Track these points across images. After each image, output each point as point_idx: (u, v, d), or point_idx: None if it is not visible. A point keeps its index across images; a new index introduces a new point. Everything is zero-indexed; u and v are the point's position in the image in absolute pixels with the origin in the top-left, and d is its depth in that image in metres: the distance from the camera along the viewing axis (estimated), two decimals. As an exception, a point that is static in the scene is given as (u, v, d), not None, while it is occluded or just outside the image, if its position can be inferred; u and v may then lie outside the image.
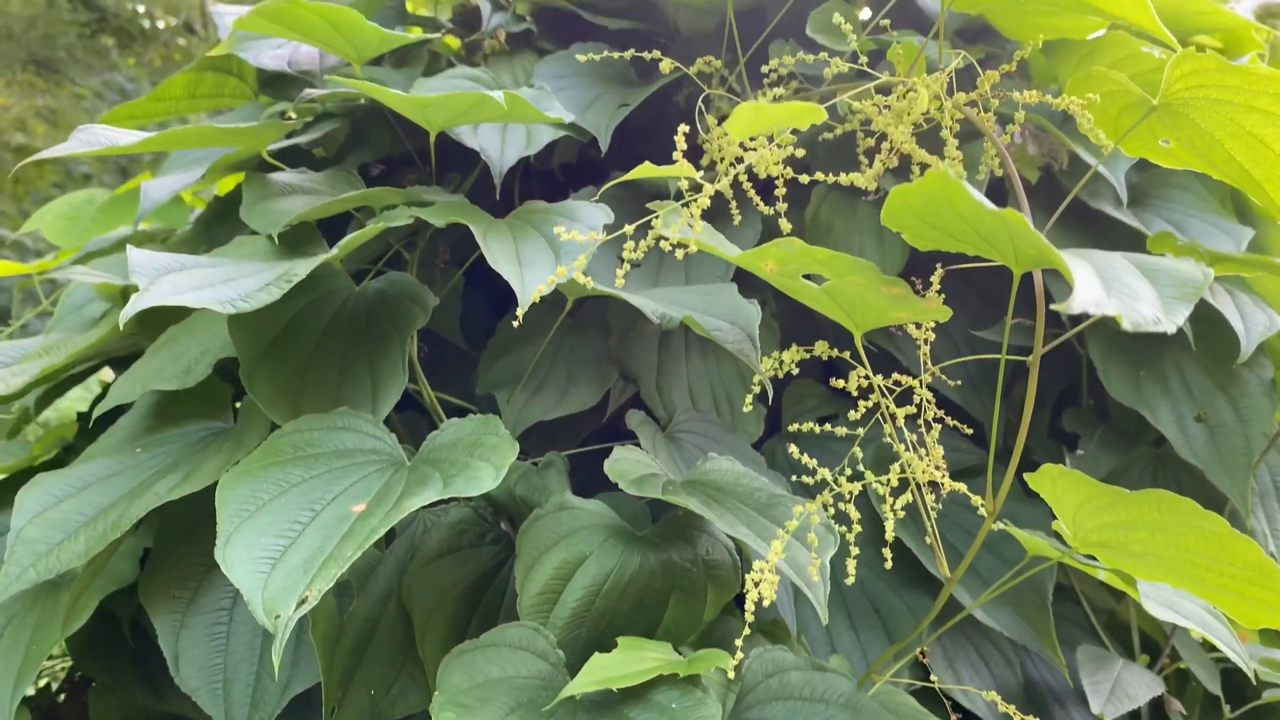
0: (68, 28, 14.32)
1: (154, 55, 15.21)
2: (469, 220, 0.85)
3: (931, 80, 0.77)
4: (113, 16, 14.66)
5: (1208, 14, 1.33)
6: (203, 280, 0.79)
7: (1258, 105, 0.77)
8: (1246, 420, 1.05)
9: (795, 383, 1.23)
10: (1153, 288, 0.60)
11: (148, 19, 15.31)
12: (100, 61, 14.61)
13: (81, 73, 14.65)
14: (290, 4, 0.93)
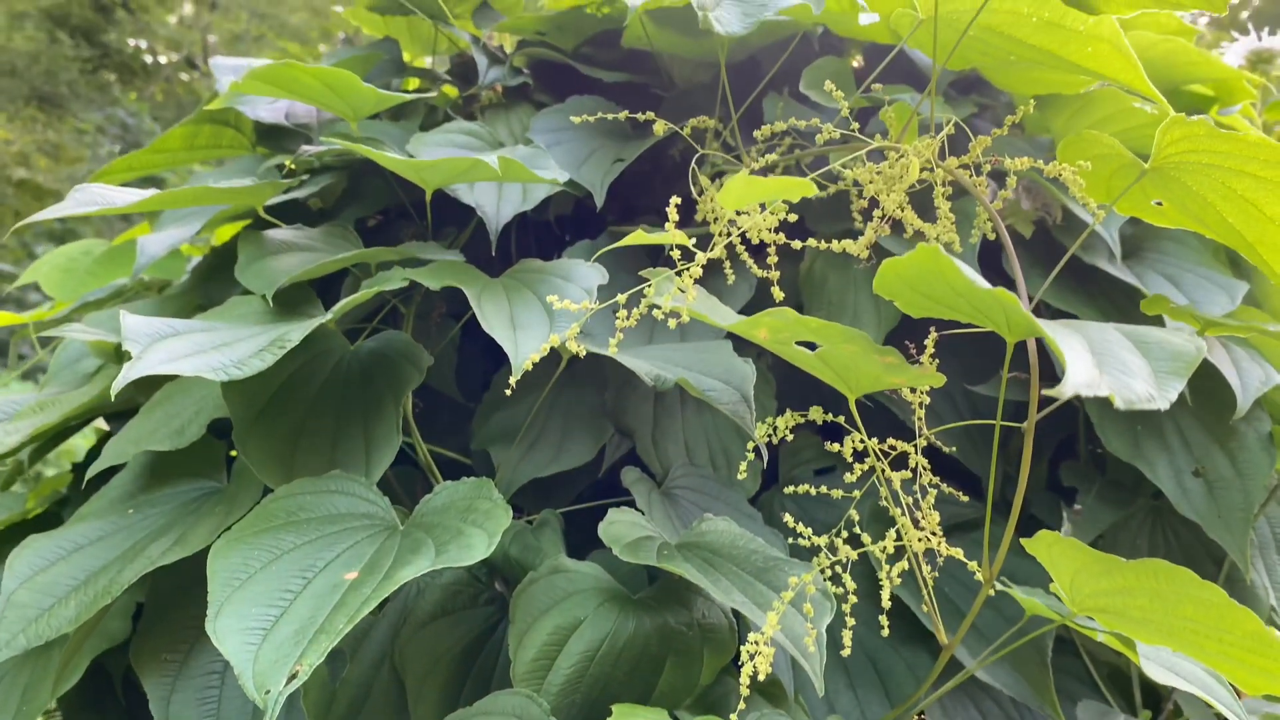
0: (70, 63, 14.42)
1: (155, 90, 15.32)
2: (462, 283, 0.85)
3: (923, 146, 0.77)
4: (115, 52, 14.78)
5: (1199, 64, 1.35)
6: (196, 346, 0.79)
7: (1248, 170, 0.77)
8: (1245, 475, 1.05)
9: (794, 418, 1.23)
10: (1146, 362, 0.60)
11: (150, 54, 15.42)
12: (102, 96, 14.71)
13: (83, 107, 14.75)
14: (286, 66, 0.94)
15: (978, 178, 0.81)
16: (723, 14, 0.80)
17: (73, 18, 14.23)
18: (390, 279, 0.87)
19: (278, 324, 0.87)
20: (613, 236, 1.20)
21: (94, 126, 13.02)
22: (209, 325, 0.84)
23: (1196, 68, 1.36)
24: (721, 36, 1.00)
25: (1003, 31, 0.93)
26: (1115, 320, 1.08)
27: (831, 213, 1.06)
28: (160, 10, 14.99)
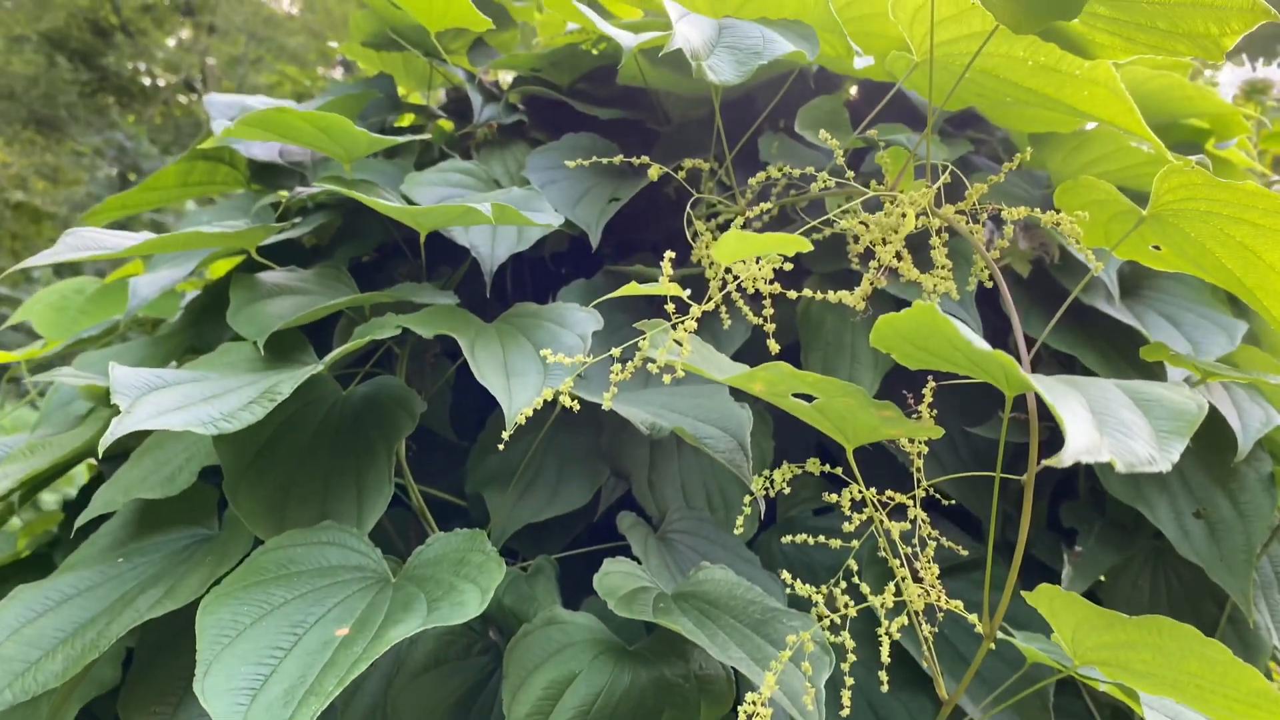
0: (68, 87, 14.46)
1: (154, 113, 15.36)
2: (455, 331, 0.84)
3: (919, 195, 0.76)
4: (113, 75, 14.82)
5: (1194, 99, 1.35)
6: (185, 398, 0.78)
7: (1247, 218, 0.76)
8: (1246, 516, 1.04)
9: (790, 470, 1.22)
10: (1147, 421, 0.59)
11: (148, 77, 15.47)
12: (100, 119, 14.74)
13: (82, 130, 14.79)
14: (278, 112, 0.93)
15: (974, 224, 0.80)
16: (716, 63, 0.79)
17: (71, 41, 14.29)
18: (383, 326, 0.86)
19: (269, 373, 0.86)
20: (609, 276, 1.20)
21: (92, 149, 13.06)
22: (199, 375, 0.83)
23: (1192, 103, 1.36)
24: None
25: (998, 75, 0.92)
26: (1115, 360, 1.08)
27: (829, 252, 1.05)
28: (159, 33, 15.07)
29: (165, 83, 15.29)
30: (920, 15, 0.88)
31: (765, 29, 0.86)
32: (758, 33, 0.84)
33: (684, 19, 0.82)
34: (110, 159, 12.83)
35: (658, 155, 1.29)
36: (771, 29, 0.87)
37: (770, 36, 0.84)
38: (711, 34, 0.84)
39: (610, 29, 0.90)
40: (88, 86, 14.61)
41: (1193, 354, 1.02)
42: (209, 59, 14.05)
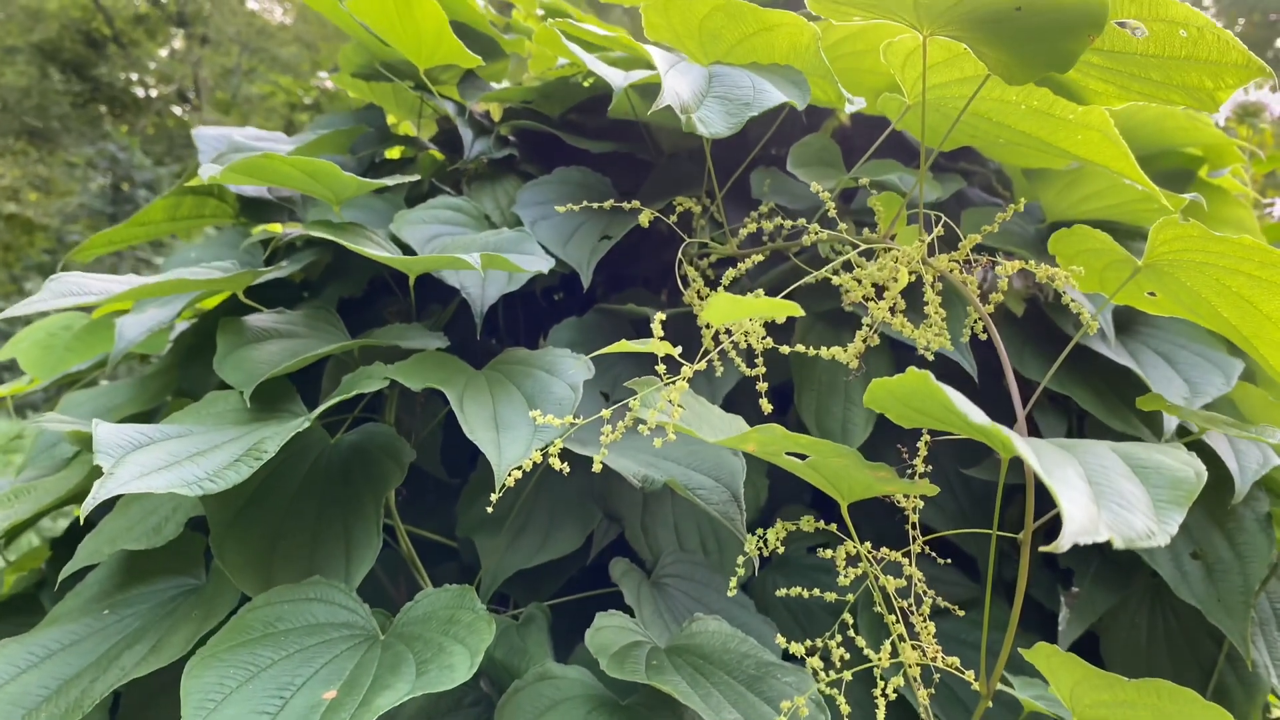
0: (61, 98, 14.43)
1: (147, 123, 15.34)
2: (444, 383, 0.83)
3: (911, 250, 0.75)
4: (105, 86, 14.80)
5: (1188, 129, 1.34)
6: (169, 456, 0.77)
7: (1243, 269, 0.76)
8: (1244, 557, 1.03)
9: (784, 509, 1.21)
10: (1144, 490, 0.58)
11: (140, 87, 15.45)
12: (93, 131, 14.71)
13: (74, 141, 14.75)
14: (265, 158, 0.92)
15: (968, 274, 0.79)
16: (707, 114, 0.78)
17: (64, 52, 14.28)
18: (370, 379, 0.85)
19: (255, 426, 0.85)
20: (601, 313, 1.19)
21: (84, 160, 13.04)
22: (183, 430, 0.82)
23: (1185, 133, 1.35)
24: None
25: (991, 118, 0.92)
26: (1110, 400, 1.07)
27: (822, 290, 1.04)
28: (151, 44, 15.06)
29: (158, 93, 15.29)
30: (912, 59, 0.87)
31: (756, 77, 0.85)
32: (748, 82, 0.83)
33: (673, 70, 0.81)
34: (102, 170, 12.81)
35: (650, 188, 1.28)
36: (762, 76, 0.86)
37: (761, 86, 0.83)
38: (701, 84, 0.83)
39: (600, 68, 0.89)
40: (80, 97, 14.61)
41: (1189, 394, 1.01)
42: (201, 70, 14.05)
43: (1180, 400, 1.00)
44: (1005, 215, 0.82)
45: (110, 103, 14.68)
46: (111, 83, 14.37)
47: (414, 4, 1.07)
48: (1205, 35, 0.68)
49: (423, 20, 1.10)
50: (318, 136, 1.25)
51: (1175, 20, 0.69)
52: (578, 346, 1.15)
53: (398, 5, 1.08)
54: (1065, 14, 0.66)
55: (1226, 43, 0.68)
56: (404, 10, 1.08)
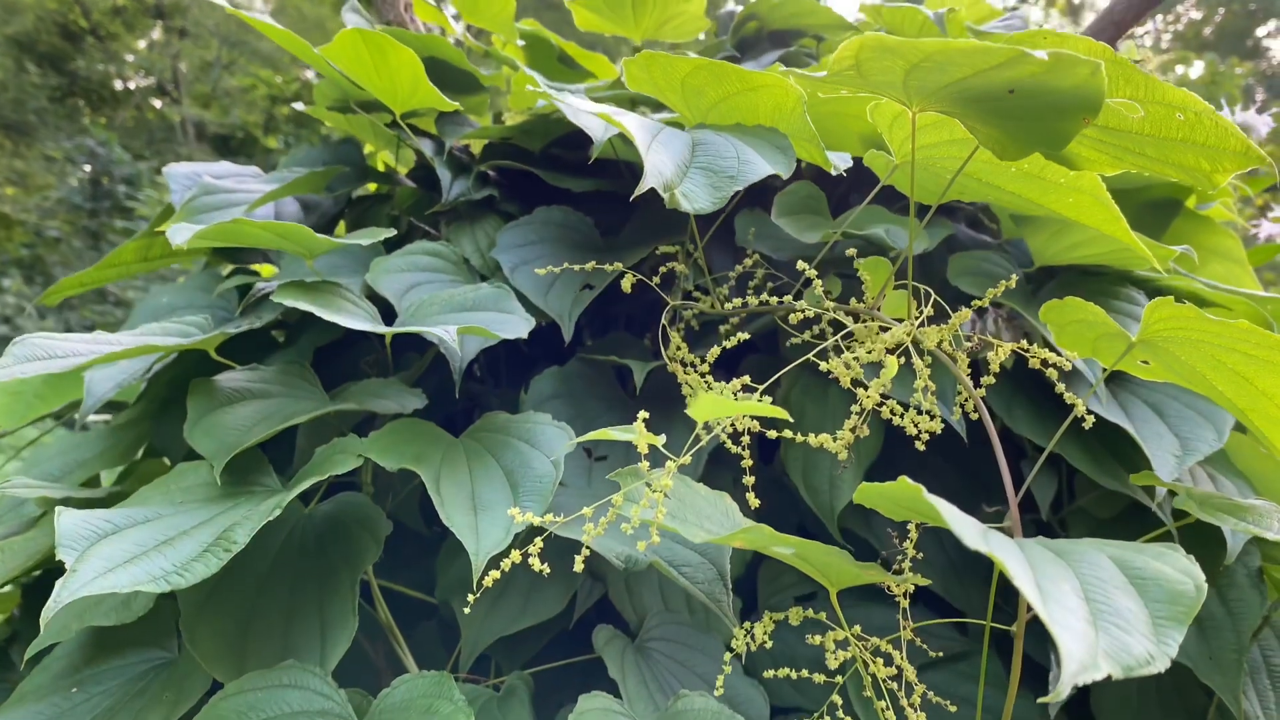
0: (38, 91, 14.25)
1: (126, 116, 15.18)
2: (419, 464, 0.81)
3: (901, 330, 0.73)
4: (83, 80, 14.63)
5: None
6: (135, 546, 0.74)
7: (1239, 349, 0.74)
8: (1236, 614, 1.02)
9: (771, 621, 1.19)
10: (1143, 607, 0.56)
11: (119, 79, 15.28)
12: (71, 124, 14.55)
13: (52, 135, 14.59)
14: (236, 224, 0.89)
15: (958, 349, 0.77)
16: (690, 188, 0.76)
17: (40, 45, 14.10)
18: (345, 456, 0.83)
19: (225, 505, 0.82)
20: (582, 362, 1.16)
21: (63, 154, 12.89)
22: (151, 514, 0.79)
23: (1175, 169, 1.33)
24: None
25: (981, 178, 0.90)
26: (1102, 458, 1.05)
27: (808, 346, 1.02)
28: (129, 37, 14.89)
29: (137, 86, 15.13)
30: (900, 121, 0.85)
31: (740, 144, 0.82)
32: (732, 152, 0.81)
33: (655, 143, 0.78)
34: (81, 164, 12.68)
35: (631, 232, 1.26)
36: (746, 142, 0.83)
37: (746, 156, 0.80)
38: (684, 154, 0.80)
39: (581, 116, 0.86)
40: (57, 91, 14.43)
41: (1180, 451, 1.00)
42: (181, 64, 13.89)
43: (1172, 459, 0.99)
44: (997, 291, 0.80)
45: (88, 96, 14.52)
46: (89, 76, 14.21)
47: (389, 53, 1.04)
48: (1203, 120, 0.66)
49: (398, 69, 1.07)
50: (294, 179, 1.22)
51: (1172, 104, 0.67)
52: (559, 398, 1.13)
53: (373, 54, 1.05)
54: (1060, 97, 0.64)
55: (1225, 130, 0.66)
56: (379, 60, 1.05)
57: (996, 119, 0.70)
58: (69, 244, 12.09)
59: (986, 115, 0.70)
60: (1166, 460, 0.98)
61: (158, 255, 1.35)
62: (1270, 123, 1.87)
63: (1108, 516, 1.07)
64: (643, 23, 1.42)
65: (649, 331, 1.29)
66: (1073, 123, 0.66)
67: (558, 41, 1.55)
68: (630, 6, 1.38)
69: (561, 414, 1.11)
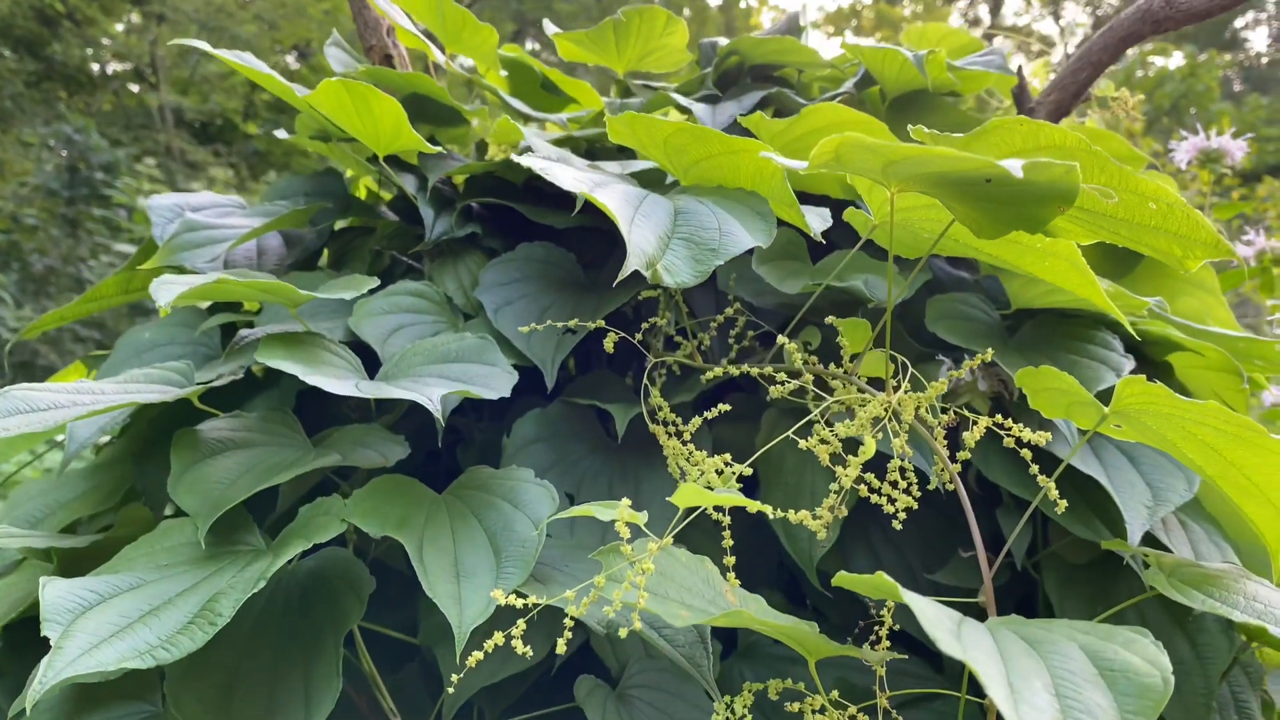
0: (14, 77, 14.07)
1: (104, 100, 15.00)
2: (402, 531, 0.82)
3: (877, 404, 0.75)
4: (60, 65, 14.45)
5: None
6: (120, 618, 0.74)
7: (1209, 423, 0.75)
8: (1205, 658, 1.04)
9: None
10: (1112, 700, 0.57)
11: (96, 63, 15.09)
12: (48, 110, 14.38)
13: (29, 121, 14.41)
14: (219, 284, 0.90)
15: (935, 418, 0.79)
16: (672, 261, 0.77)
17: (16, 30, 13.91)
18: (328, 520, 0.83)
19: (210, 567, 0.83)
20: (565, 405, 1.17)
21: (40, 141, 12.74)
22: (135, 580, 0.80)
23: (1151, 207, 1.35)
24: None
25: (958, 239, 0.91)
26: (1074, 503, 1.07)
27: (790, 410, 1.04)
28: (107, 21, 14.70)
29: (114, 71, 14.96)
30: (879, 190, 0.86)
31: (722, 213, 0.83)
32: (714, 223, 0.81)
33: (637, 216, 0.79)
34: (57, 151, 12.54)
35: (615, 263, 1.27)
36: (728, 209, 0.84)
37: (727, 228, 0.81)
38: (667, 224, 0.81)
39: (565, 184, 0.86)
40: (33, 76, 14.25)
41: (1151, 501, 1.01)
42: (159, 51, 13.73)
43: (1144, 509, 1.00)
44: (974, 362, 0.81)
45: (65, 82, 14.34)
46: (66, 61, 14.04)
47: (372, 102, 1.04)
48: (1175, 211, 0.67)
49: (381, 116, 1.07)
50: (275, 218, 1.22)
51: (1145, 194, 0.68)
52: (542, 441, 1.14)
53: (355, 102, 1.05)
54: (1035, 189, 0.65)
55: (1196, 222, 0.67)
56: (362, 107, 1.05)
57: (974, 201, 0.71)
58: (46, 231, 11.96)
59: (964, 198, 0.71)
60: (1138, 511, 0.99)
61: (138, 288, 1.34)
62: (1244, 148, 1.89)
63: (1082, 562, 1.09)
64: (625, 55, 1.42)
65: (630, 368, 1.30)
66: (1048, 210, 0.67)
67: (540, 68, 1.55)
68: (613, 40, 1.38)
69: (544, 458, 1.12)
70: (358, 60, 1.37)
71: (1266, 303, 1.89)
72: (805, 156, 1.11)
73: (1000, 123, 0.70)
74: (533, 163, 0.83)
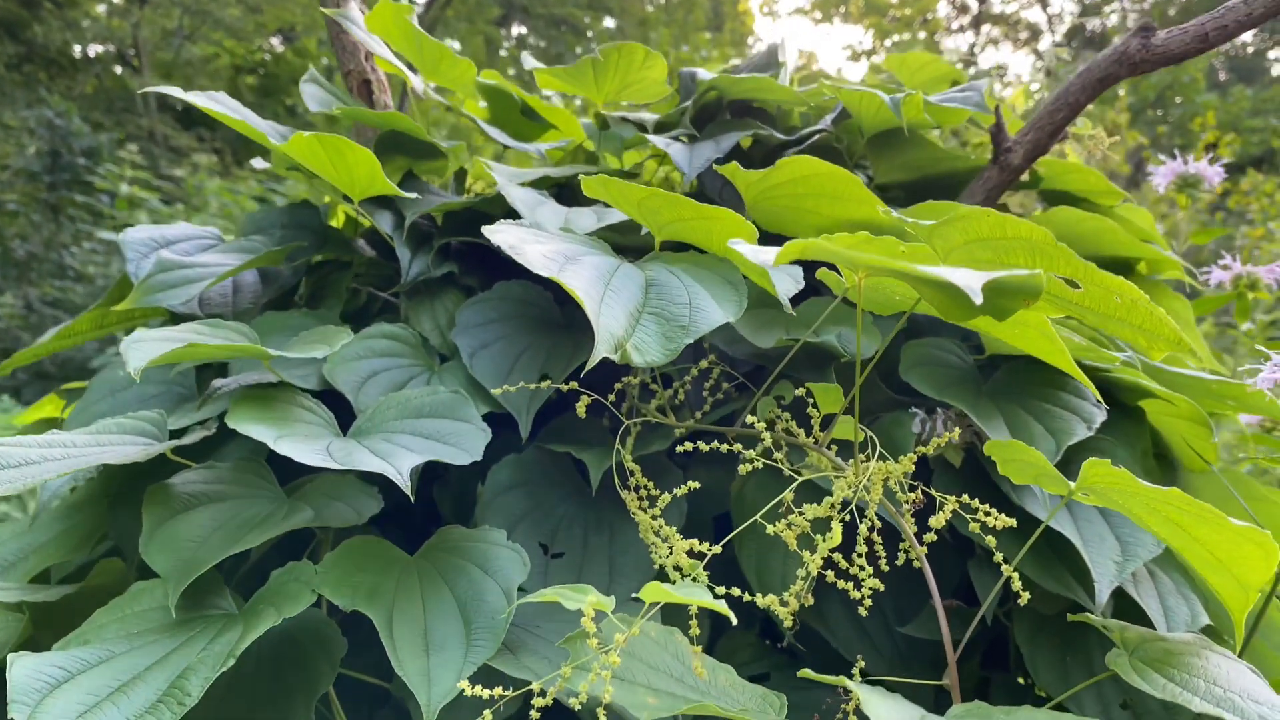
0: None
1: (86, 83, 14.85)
2: (372, 603, 0.82)
3: (843, 485, 0.75)
4: (40, 48, 14.31)
5: (1125, 244, 1.35)
6: (89, 696, 0.74)
7: (1172, 503, 0.76)
8: (1172, 708, 1.05)
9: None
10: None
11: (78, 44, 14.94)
12: (28, 94, 14.24)
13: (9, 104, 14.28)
14: (190, 348, 0.90)
15: (904, 495, 0.79)
16: (641, 339, 0.77)
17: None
18: (299, 587, 0.84)
19: (180, 636, 0.83)
20: (540, 452, 1.17)
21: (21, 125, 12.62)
22: (104, 652, 0.80)
23: (1123, 247, 1.36)
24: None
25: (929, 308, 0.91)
26: (1045, 557, 1.08)
27: (767, 482, 1.05)
28: (88, 2, 14.55)
29: (96, 54, 14.82)
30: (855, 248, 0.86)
31: (693, 285, 0.83)
32: (685, 297, 0.82)
33: (607, 294, 0.79)
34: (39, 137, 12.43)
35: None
36: (700, 279, 0.84)
37: (698, 303, 0.81)
38: (637, 298, 0.81)
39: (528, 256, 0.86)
40: (14, 58, 14.11)
41: (1120, 557, 1.02)
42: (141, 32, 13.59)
43: (1112, 565, 1.01)
44: (951, 435, 0.82)
45: (47, 65, 14.20)
46: (47, 44, 13.89)
47: (345, 153, 1.04)
48: (1139, 307, 0.68)
49: (355, 166, 1.06)
50: (250, 259, 1.22)
51: (1110, 288, 0.68)
52: (517, 488, 1.14)
53: (329, 154, 1.04)
54: (1002, 283, 0.66)
55: (1159, 319, 0.68)
56: (336, 158, 1.05)
57: (939, 290, 0.71)
58: (27, 217, 11.86)
59: (929, 289, 0.71)
60: (1107, 569, 1.00)
61: (113, 323, 1.34)
62: (1221, 173, 1.90)
63: (1051, 613, 1.10)
64: (604, 88, 1.42)
65: (607, 410, 1.30)
66: (1015, 304, 0.67)
67: (520, 94, 1.55)
68: (592, 76, 1.38)
69: (519, 505, 1.12)
70: (335, 95, 1.36)
71: (1242, 326, 1.91)
72: (779, 204, 1.11)
73: (969, 212, 0.71)
74: (501, 241, 0.83)
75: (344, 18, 1.44)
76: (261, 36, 15.15)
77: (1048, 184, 1.50)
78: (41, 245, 11.76)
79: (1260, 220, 8.65)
